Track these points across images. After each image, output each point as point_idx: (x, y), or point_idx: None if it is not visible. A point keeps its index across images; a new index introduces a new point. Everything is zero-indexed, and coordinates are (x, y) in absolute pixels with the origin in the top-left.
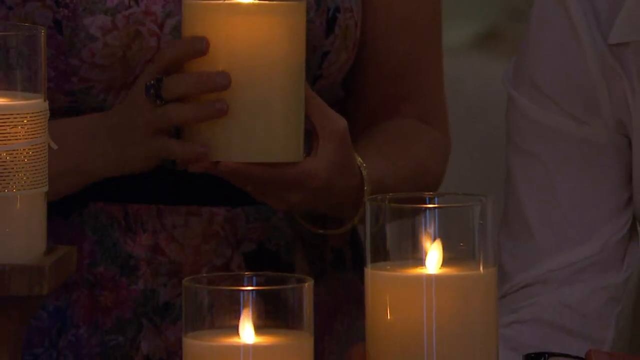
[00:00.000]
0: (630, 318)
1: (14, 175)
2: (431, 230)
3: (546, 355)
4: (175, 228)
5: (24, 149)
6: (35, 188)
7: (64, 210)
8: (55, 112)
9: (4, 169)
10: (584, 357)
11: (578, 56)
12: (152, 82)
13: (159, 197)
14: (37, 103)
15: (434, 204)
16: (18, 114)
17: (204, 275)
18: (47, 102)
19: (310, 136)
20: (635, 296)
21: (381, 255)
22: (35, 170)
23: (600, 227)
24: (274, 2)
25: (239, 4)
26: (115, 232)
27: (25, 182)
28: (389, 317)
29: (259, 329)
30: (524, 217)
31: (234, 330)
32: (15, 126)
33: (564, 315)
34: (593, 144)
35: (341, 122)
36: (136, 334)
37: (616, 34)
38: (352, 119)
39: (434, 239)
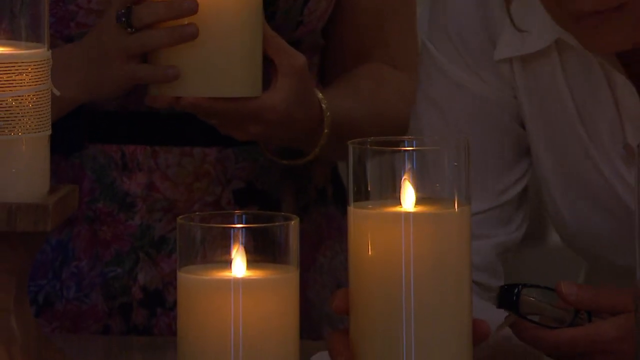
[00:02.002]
0: None
1: (20, 120)
2: (409, 171)
3: (520, 286)
4: (169, 167)
5: (28, 95)
6: (39, 132)
7: (65, 151)
8: None
9: (10, 113)
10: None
11: (482, 26)
12: (122, 10)
13: (153, 139)
14: (40, 52)
15: (412, 146)
16: (23, 62)
17: (197, 213)
18: (50, 51)
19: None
20: None
21: (363, 195)
22: (39, 115)
23: (493, 183)
24: None
25: None
26: (112, 172)
27: (29, 126)
28: (370, 252)
29: (248, 263)
30: None
31: (226, 265)
32: (20, 74)
33: None
34: (492, 102)
35: (300, 58)
36: (134, 266)
37: (498, 52)
38: (328, 64)
39: (412, 179)
